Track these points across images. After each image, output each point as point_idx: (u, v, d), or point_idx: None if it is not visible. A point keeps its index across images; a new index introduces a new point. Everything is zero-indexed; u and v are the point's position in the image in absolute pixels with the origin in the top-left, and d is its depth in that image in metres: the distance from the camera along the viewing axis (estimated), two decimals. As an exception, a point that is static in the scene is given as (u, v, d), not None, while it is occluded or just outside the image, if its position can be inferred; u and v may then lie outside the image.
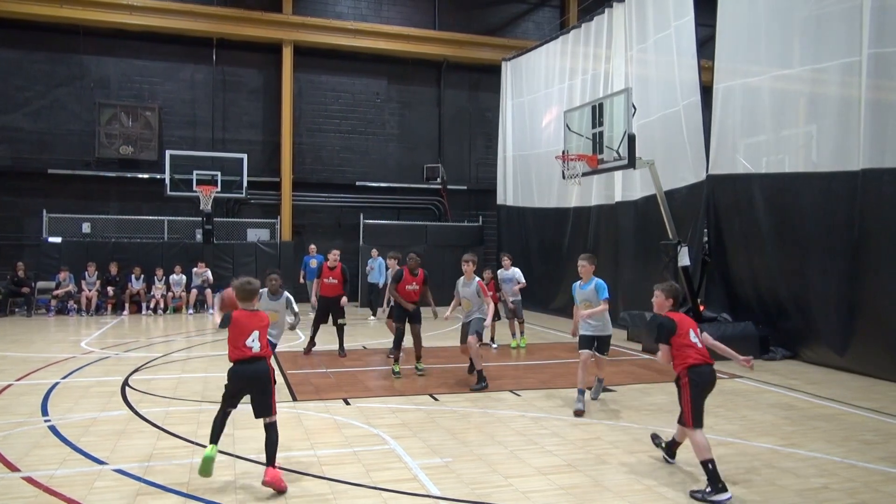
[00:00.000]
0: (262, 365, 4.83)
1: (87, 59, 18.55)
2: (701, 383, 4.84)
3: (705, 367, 4.87)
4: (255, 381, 4.80)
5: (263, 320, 4.93)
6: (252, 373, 4.79)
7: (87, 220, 18.15)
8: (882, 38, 8.84)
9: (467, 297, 8.47)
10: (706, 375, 4.87)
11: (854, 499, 4.65)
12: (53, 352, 10.66)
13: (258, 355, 4.81)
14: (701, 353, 4.91)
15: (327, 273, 10.68)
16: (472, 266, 8.47)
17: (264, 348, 4.86)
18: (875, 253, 9.03)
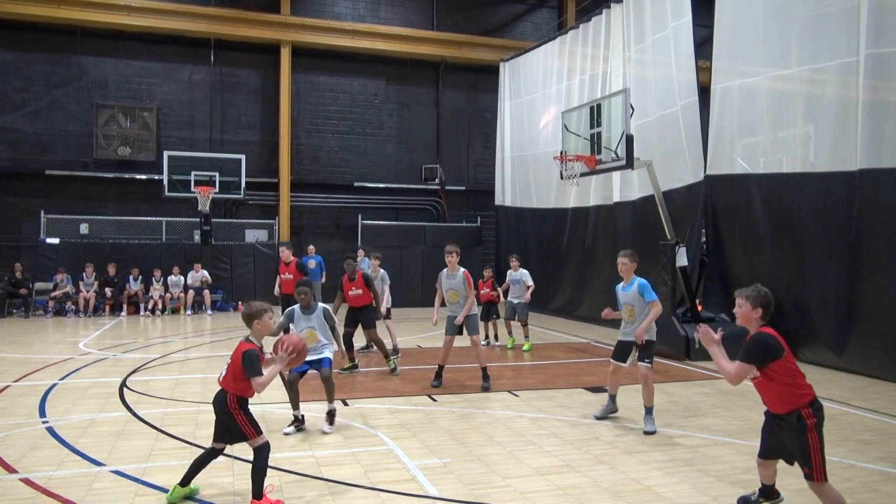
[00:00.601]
0: (220, 395, 4.49)
1: (84, 60, 18.54)
2: (823, 420, 3.82)
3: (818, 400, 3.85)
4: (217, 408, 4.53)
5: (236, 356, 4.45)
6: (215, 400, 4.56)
7: (85, 221, 18.13)
8: (880, 38, 8.85)
9: (453, 288, 8.16)
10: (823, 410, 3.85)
11: (852, 499, 4.65)
12: (51, 353, 10.65)
13: (220, 384, 4.51)
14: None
15: (283, 269, 10.62)
16: (456, 257, 8.16)
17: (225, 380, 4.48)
18: (873, 253, 9.04)
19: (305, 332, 6.40)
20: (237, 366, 4.41)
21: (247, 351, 4.40)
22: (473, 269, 20.67)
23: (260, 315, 4.54)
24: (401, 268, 19.08)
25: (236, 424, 4.43)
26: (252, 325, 4.55)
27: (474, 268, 19.64)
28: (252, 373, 4.36)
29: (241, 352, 4.41)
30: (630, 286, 6.63)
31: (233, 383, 4.43)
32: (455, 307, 8.19)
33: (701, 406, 7.41)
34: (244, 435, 4.45)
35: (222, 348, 11.41)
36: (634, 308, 6.56)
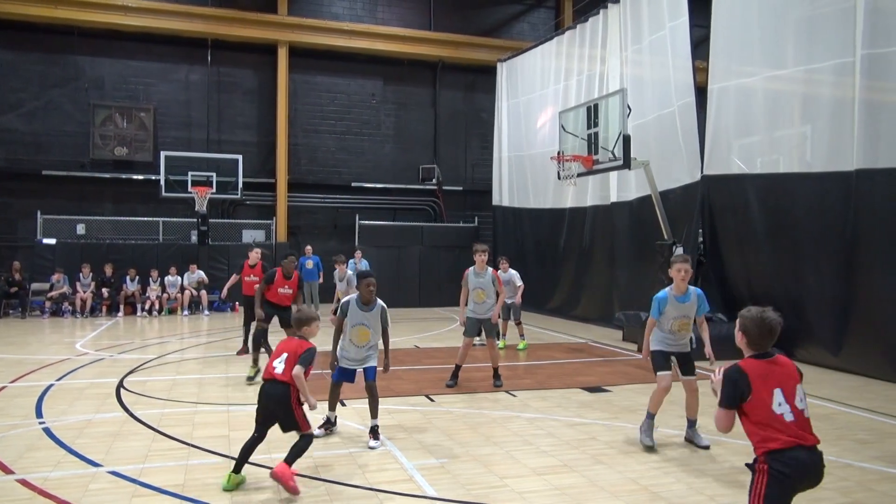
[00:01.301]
0: (278, 388, 4.76)
1: (81, 60, 18.50)
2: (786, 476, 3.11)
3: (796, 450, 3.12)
4: (272, 401, 4.81)
5: (297, 347, 4.86)
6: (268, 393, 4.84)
7: (82, 222, 18.09)
8: (875, 38, 8.88)
9: (482, 286, 8.09)
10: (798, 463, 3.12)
11: (848, 498, 4.67)
12: (48, 353, 10.63)
13: (278, 378, 4.78)
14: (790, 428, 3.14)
15: (248, 271, 10.38)
16: (486, 256, 8.13)
17: (286, 372, 4.76)
18: (869, 253, 9.07)
19: (357, 329, 5.94)
20: (295, 358, 4.77)
21: (312, 348, 4.88)
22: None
23: (310, 322, 5.05)
24: (398, 268, 19.10)
25: (293, 418, 4.77)
26: (301, 330, 5.01)
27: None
28: (305, 363, 4.77)
29: (306, 347, 4.85)
30: (688, 297, 5.81)
31: (290, 375, 4.75)
32: (479, 307, 8.18)
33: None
34: (298, 426, 4.79)
35: (219, 349, 11.39)
36: (687, 322, 5.86)
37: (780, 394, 3.15)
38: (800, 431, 3.12)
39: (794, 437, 3.10)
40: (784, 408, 3.14)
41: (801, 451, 3.09)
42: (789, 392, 3.16)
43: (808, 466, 3.12)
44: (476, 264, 8.16)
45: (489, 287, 8.13)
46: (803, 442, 3.11)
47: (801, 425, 3.14)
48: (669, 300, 5.80)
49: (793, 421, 3.12)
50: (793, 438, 3.09)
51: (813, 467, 3.14)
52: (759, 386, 3.16)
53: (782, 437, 3.09)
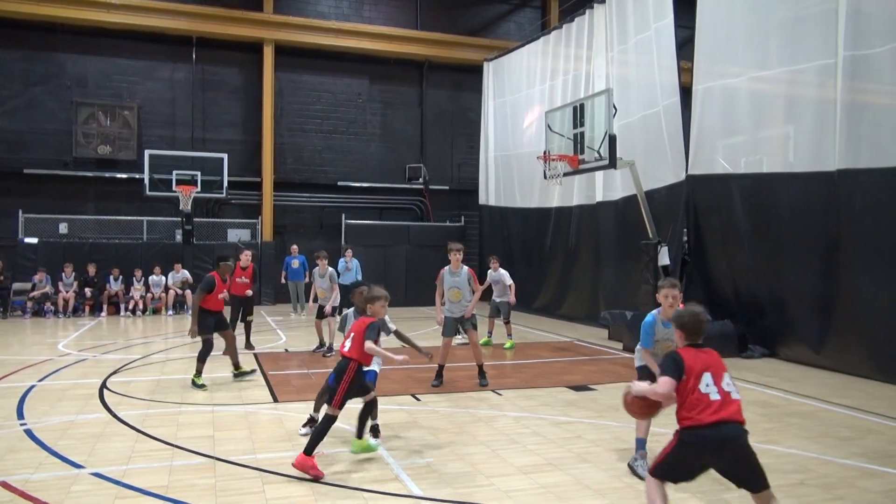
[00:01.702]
0: (342, 363, 5.29)
1: (64, 58, 18.30)
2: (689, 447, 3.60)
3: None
4: (338, 373, 5.26)
5: (361, 324, 5.34)
6: (338, 368, 5.30)
7: (65, 221, 17.91)
8: (857, 40, 8.98)
9: (457, 286, 8.13)
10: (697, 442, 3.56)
11: (830, 493, 4.72)
12: (30, 354, 10.50)
13: (344, 354, 5.31)
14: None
15: (240, 273, 10.88)
16: (461, 255, 8.18)
17: (352, 349, 5.27)
18: (850, 252, 9.18)
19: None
20: (361, 335, 5.23)
21: (373, 322, 5.33)
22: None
23: (374, 301, 5.49)
24: (384, 267, 19.05)
25: (338, 384, 5.15)
26: (367, 308, 5.52)
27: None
28: (371, 335, 5.23)
29: (369, 322, 5.30)
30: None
31: (357, 352, 5.24)
32: (455, 306, 8.20)
33: (682, 404, 7.46)
34: (333, 395, 5.14)
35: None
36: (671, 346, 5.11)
37: (709, 377, 3.58)
38: (723, 410, 3.52)
39: (717, 415, 3.49)
40: (711, 389, 3.56)
41: (715, 428, 3.49)
42: (717, 376, 3.59)
43: (718, 440, 3.51)
44: (451, 263, 8.17)
45: (465, 286, 8.15)
46: (727, 418, 3.51)
47: (725, 404, 3.54)
48: (653, 326, 5.33)
49: (718, 400, 3.54)
50: (716, 416, 3.49)
51: (723, 441, 3.52)
52: (692, 366, 3.60)
53: (706, 414, 3.49)
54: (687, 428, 3.55)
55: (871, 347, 8.84)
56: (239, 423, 6.55)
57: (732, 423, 3.52)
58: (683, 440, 3.58)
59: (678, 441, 3.61)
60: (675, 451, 3.63)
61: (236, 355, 8.70)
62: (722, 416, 3.49)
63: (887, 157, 8.66)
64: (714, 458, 3.58)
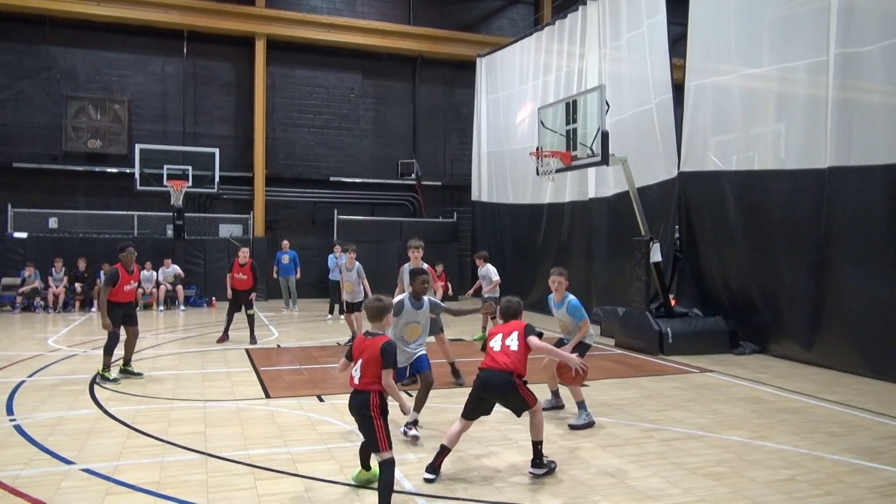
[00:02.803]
0: (362, 398, 4.26)
1: (53, 51, 18.14)
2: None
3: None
4: (356, 414, 4.34)
5: (371, 348, 4.31)
6: (353, 405, 4.35)
7: (54, 215, 17.79)
8: (849, 38, 9.01)
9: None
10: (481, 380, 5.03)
11: (820, 489, 4.75)
12: (19, 349, 10.43)
13: (357, 387, 4.31)
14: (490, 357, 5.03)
15: (238, 269, 11.43)
16: (420, 252, 8.26)
17: (363, 380, 4.28)
18: (840, 249, 9.23)
19: (409, 327, 6.17)
20: (376, 361, 4.25)
21: (388, 343, 4.33)
22: (451, 264, 20.66)
23: (389, 310, 4.61)
24: (377, 263, 18.98)
25: (373, 430, 4.22)
26: (384, 319, 4.54)
27: (451, 263, 19.79)
28: (389, 363, 4.27)
29: (381, 345, 4.28)
30: (562, 304, 6.86)
31: (373, 381, 4.26)
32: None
33: (674, 400, 7.50)
34: (377, 444, 4.21)
35: (195, 344, 11.28)
36: (567, 324, 6.86)
37: (500, 337, 5.13)
38: (492, 359, 5.01)
39: (488, 362, 5.02)
40: (496, 343, 5.11)
41: (486, 371, 4.99)
42: (504, 337, 5.12)
43: (482, 380, 5.01)
44: (411, 261, 8.22)
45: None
46: (490, 366, 4.99)
47: (495, 355, 5.02)
48: (550, 305, 6.95)
49: (498, 351, 5.03)
50: (487, 362, 5.03)
51: (484, 381, 5.02)
52: (492, 332, 5.30)
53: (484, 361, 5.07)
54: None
55: (861, 344, 8.90)
56: (231, 418, 6.53)
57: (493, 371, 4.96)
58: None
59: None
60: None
61: (132, 352, 8.58)
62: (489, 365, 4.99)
63: (878, 155, 8.71)
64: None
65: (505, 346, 5.03)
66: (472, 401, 5.05)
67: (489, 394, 4.99)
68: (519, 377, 4.93)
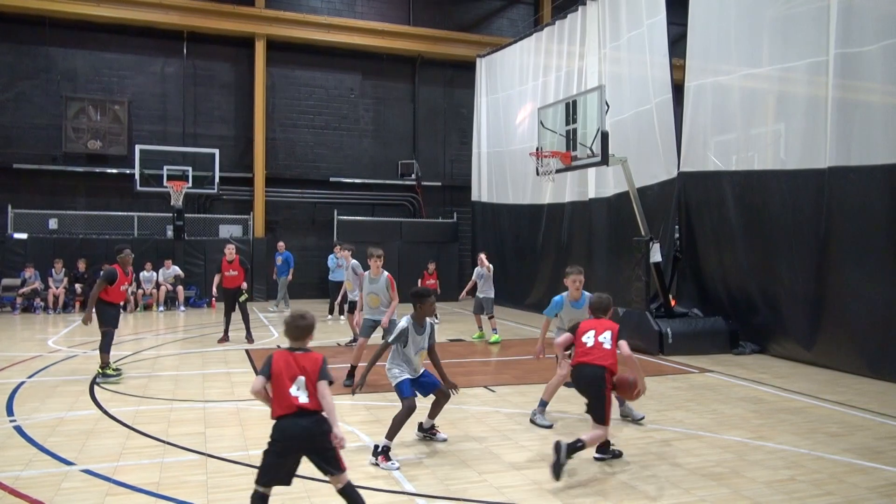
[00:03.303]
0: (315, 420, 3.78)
1: (53, 52, 18.14)
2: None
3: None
4: (307, 439, 3.79)
5: (313, 363, 3.82)
6: (301, 429, 3.78)
7: (54, 216, 17.79)
8: (848, 38, 9.01)
9: (375, 292, 8.01)
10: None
11: (820, 489, 4.75)
12: (19, 350, 10.43)
13: (306, 407, 3.76)
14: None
15: (227, 266, 11.39)
16: (381, 262, 8.06)
17: (314, 399, 3.79)
18: (840, 249, 9.22)
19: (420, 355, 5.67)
20: (314, 377, 3.80)
21: (325, 358, 3.88)
22: (450, 265, 20.62)
23: (312, 329, 3.98)
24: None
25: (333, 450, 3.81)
26: (305, 340, 3.94)
27: (451, 263, 19.79)
28: (329, 377, 3.84)
29: (322, 359, 3.85)
30: (581, 303, 6.94)
31: (315, 399, 3.79)
32: (374, 311, 8.07)
33: (674, 400, 7.50)
34: (338, 464, 3.85)
35: (195, 345, 11.28)
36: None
37: (592, 334, 5.24)
38: (590, 355, 5.20)
39: (585, 357, 5.22)
40: (589, 340, 5.23)
41: (586, 367, 5.19)
42: (597, 334, 5.24)
43: (579, 376, 5.26)
44: (371, 269, 8.03)
45: (382, 292, 8.01)
46: (589, 361, 5.17)
47: (592, 351, 5.21)
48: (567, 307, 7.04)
49: (592, 348, 5.20)
50: (584, 358, 5.22)
51: (581, 376, 5.24)
52: (583, 327, 5.37)
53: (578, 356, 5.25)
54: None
55: (861, 344, 8.90)
56: (230, 419, 6.53)
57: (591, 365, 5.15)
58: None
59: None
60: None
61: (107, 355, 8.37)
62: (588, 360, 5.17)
63: (878, 155, 8.70)
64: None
65: (598, 342, 5.19)
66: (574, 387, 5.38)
67: (579, 387, 5.23)
68: (611, 374, 5.14)
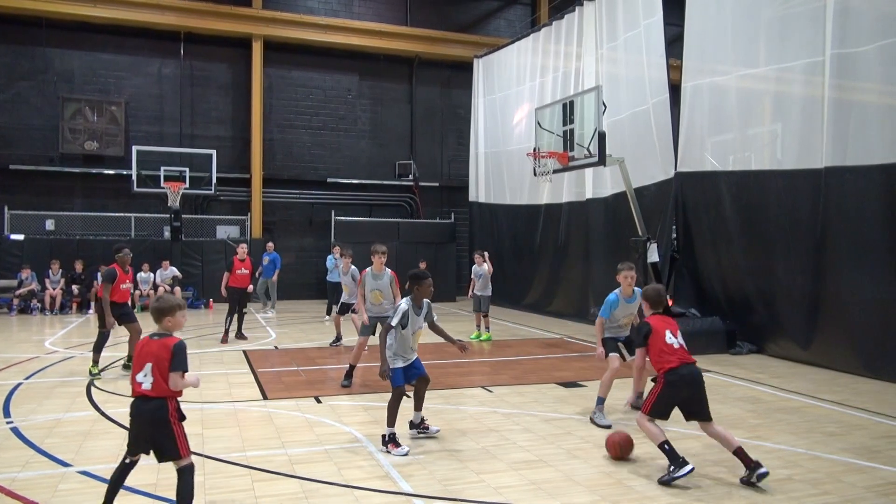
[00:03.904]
0: (155, 405, 3.92)
1: (50, 52, 18.11)
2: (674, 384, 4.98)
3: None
4: (147, 423, 3.96)
5: (161, 350, 3.95)
6: (142, 413, 3.97)
7: (51, 217, 17.76)
8: (845, 38, 9.03)
9: (379, 288, 7.95)
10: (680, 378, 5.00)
11: (817, 489, 4.76)
12: (16, 352, 10.41)
13: (147, 394, 3.92)
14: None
15: (239, 265, 11.53)
16: (384, 258, 7.96)
17: (157, 385, 3.92)
18: (837, 249, 9.25)
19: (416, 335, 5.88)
20: (167, 364, 3.92)
21: (179, 343, 3.99)
22: (448, 265, 20.64)
23: (174, 312, 4.11)
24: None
25: (172, 440, 3.94)
26: (164, 322, 4.09)
27: (448, 264, 19.79)
28: (181, 367, 3.96)
29: (172, 345, 3.95)
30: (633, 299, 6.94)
31: (166, 387, 3.93)
32: (377, 308, 8.01)
33: (671, 400, 7.49)
34: (178, 451, 3.95)
35: (192, 346, 11.25)
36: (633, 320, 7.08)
37: (670, 333, 5.08)
38: (684, 354, 5.02)
39: (681, 359, 4.99)
40: (673, 340, 5.05)
41: (686, 367, 4.96)
42: (674, 332, 5.11)
43: (688, 377, 4.95)
44: (374, 265, 7.96)
45: (387, 289, 7.97)
46: (688, 360, 5.01)
47: (684, 351, 5.04)
48: (621, 303, 6.97)
49: (679, 347, 5.04)
50: (681, 359, 4.98)
51: (692, 378, 4.96)
52: (658, 328, 5.12)
53: (674, 359, 4.97)
54: (667, 371, 4.96)
55: (858, 344, 8.92)
56: (228, 420, 6.53)
57: (692, 364, 5.01)
58: (666, 380, 4.95)
59: (664, 383, 4.96)
60: (662, 391, 4.96)
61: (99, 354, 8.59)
62: (684, 360, 4.99)
63: (874, 155, 8.73)
64: (685, 391, 4.95)
65: (681, 341, 5.10)
66: (670, 401, 4.95)
67: (691, 389, 4.95)
68: None
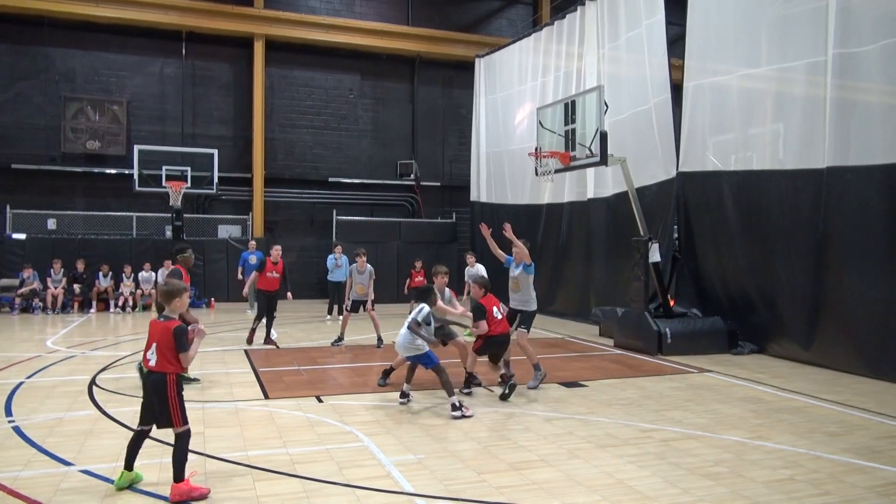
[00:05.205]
0: (157, 379, 4.57)
1: (52, 52, 18.12)
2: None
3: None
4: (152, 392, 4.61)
5: (164, 332, 4.57)
6: (148, 384, 4.65)
7: (53, 216, 17.78)
8: (846, 38, 9.02)
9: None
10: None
11: (819, 489, 4.76)
12: (18, 351, 10.42)
13: (152, 369, 4.58)
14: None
15: (271, 267, 11.24)
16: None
17: (161, 362, 4.55)
18: (839, 249, 9.24)
19: (358, 287, 8.29)
20: (170, 345, 4.54)
21: (178, 327, 4.58)
22: (449, 265, 20.63)
23: (180, 294, 4.73)
24: (376, 264, 18.87)
25: (167, 411, 4.55)
26: (172, 304, 4.69)
27: (450, 264, 19.73)
28: (182, 348, 4.56)
29: (173, 329, 4.55)
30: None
31: (167, 363, 4.55)
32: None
33: (672, 400, 7.50)
34: (171, 421, 4.56)
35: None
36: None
37: (496, 309, 7.33)
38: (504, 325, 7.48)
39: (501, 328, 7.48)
40: (497, 314, 7.36)
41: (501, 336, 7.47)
42: (499, 308, 7.48)
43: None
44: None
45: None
46: (504, 330, 7.47)
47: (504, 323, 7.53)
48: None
49: (500, 320, 7.41)
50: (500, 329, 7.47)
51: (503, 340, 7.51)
52: (487, 306, 7.39)
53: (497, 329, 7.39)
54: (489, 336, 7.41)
55: (859, 344, 8.91)
56: (229, 419, 6.53)
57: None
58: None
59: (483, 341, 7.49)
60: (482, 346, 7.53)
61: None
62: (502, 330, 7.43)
63: (876, 155, 8.72)
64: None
65: (503, 314, 7.57)
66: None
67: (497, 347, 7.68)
68: None
